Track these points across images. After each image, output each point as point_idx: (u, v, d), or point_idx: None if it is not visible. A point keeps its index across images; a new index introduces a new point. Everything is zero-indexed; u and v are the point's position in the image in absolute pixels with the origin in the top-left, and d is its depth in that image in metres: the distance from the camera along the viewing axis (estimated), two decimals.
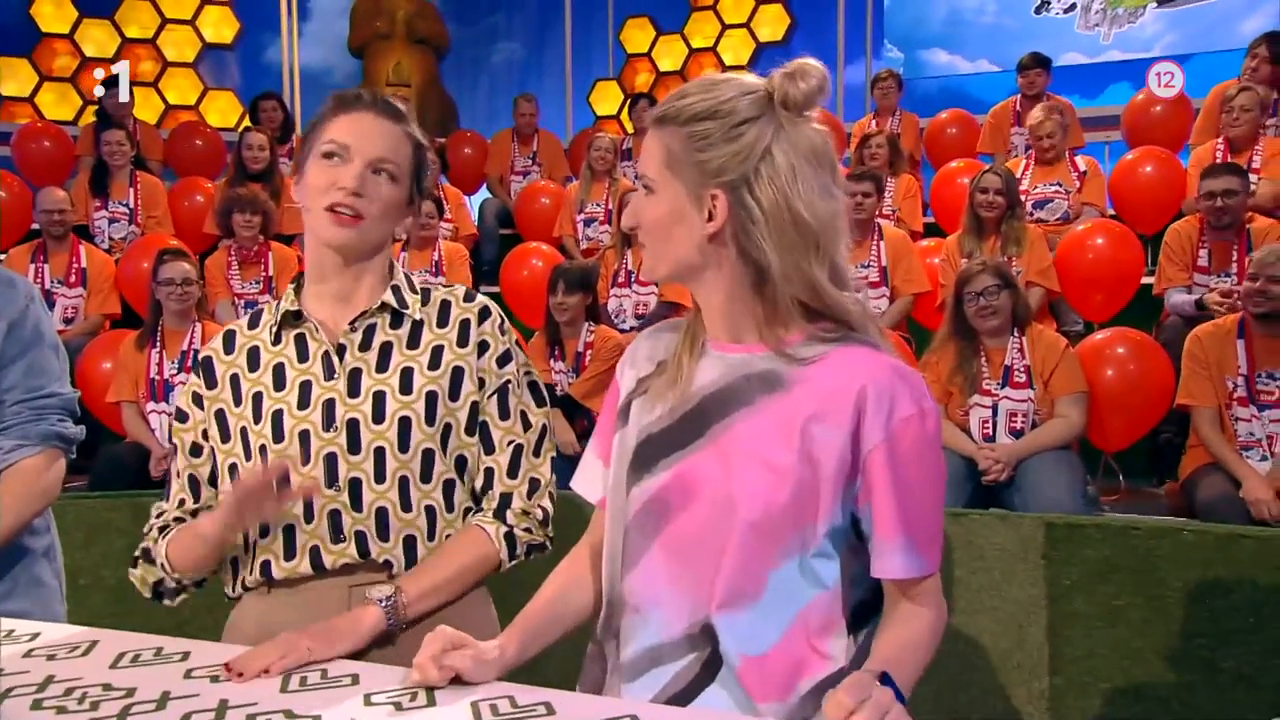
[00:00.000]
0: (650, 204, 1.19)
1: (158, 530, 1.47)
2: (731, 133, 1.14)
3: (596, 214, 5.68)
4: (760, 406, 1.16)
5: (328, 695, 1.15)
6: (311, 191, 1.41)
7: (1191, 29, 7.14)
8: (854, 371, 1.14)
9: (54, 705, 1.12)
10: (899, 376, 1.15)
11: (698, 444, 1.18)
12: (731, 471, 1.15)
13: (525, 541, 1.46)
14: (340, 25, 8.75)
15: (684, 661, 1.18)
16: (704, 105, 1.15)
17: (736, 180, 1.13)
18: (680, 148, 1.16)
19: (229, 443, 1.44)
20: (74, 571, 2.64)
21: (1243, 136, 4.64)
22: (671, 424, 1.21)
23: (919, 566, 1.16)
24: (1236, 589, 2.49)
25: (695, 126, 1.15)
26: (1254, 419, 3.14)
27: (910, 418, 1.13)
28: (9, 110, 7.60)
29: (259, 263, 4.83)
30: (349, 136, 1.40)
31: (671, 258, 1.19)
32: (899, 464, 1.13)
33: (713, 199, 1.15)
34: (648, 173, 1.19)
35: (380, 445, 1.39)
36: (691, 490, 1.17)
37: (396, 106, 1.45)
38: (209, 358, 1.50)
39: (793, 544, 1.14)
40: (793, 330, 1.17)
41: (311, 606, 1.39)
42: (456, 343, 1.45)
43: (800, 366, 1.16)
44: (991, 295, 3.29)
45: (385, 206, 1.42)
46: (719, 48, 8.71)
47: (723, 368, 1.20)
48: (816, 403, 1.14)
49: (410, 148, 1.45)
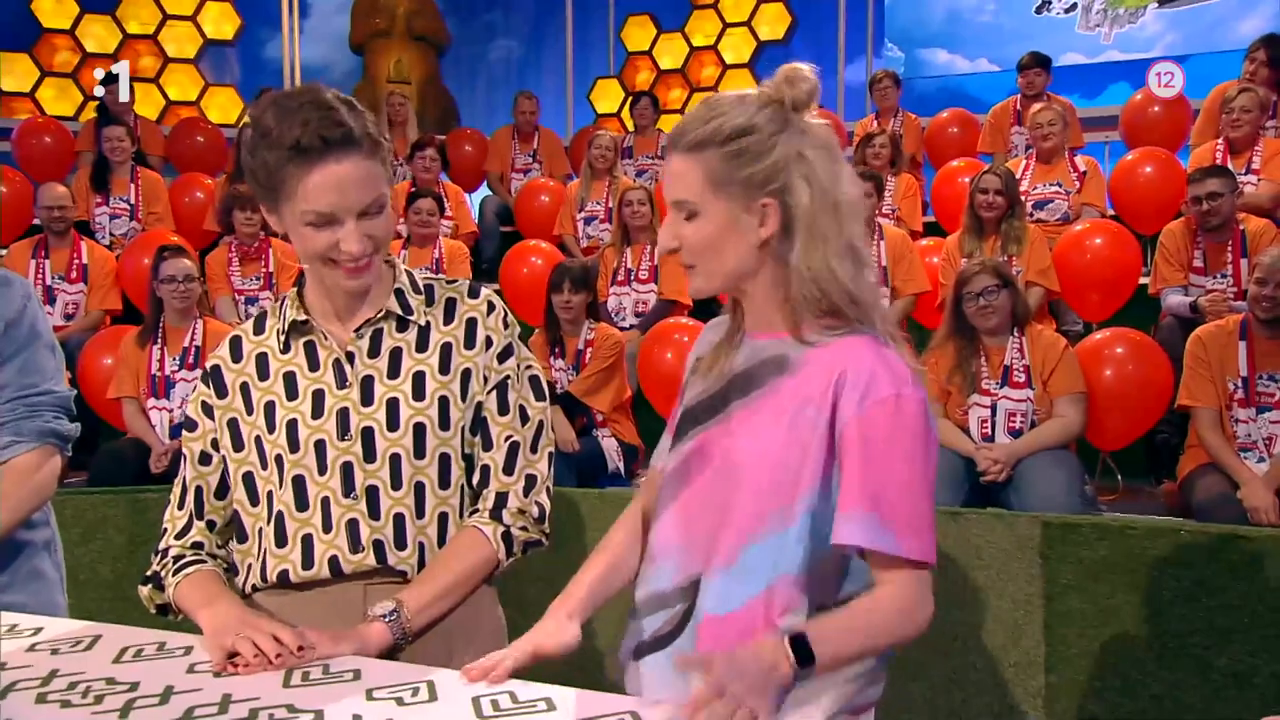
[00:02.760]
0: (696, 227, 1.25)
1: (172, 560, 1.46)
2: (767, 144, 1.22)
3: (597, 212, 5.68)
4: (770, 388, 1.26)
5: (330, 690, 1.16)
6: (307, 252, 1.36)
7: (1191, 29, 7.14)
8: (843, 357, 1.22)
9: (58, 699, 1.13)
10: (881, 362, 1.21)
11: (718, 418, 1.30)
12: (735, 445, 1.26)
13: (522, 540, 1.47)
14: (340, 22, 8.74)
15: (674, 609, 1.29)
16: (738, 123, 1.22)
17: (780, 187, 1.22)
18: (722, 167, 1.22)
19: (242, 451, 1.44)
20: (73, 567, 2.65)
21: (1243, 137, 4.64)
22: (704, 399, 1.32)
23: (883, 541, 1.17)
24: (1232, 588, 2.51)
25: (733, 145, 1.22)
26: (1252, 421, 3.14)
27: (885, 399, 1.19)
28: (10, 105, 7.59)
29: (260, 259, 4.84)
30: (327, 203, 1.32)
31: (724, 271, 1.26)
32: (868, 441, 1.18)
33: (764, 208, 1.22)
34: (689, 197, 1.24)
35: (396, 452, 1.40)
36: (707, 459, 1.29)
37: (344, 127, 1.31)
38: (218, 366, 1.49)
39: (773, 520, 1.22)
40: (809, 319, 1.25)
41: (328, 606, 1.39)
42: (464, 343, 1.45)
43: (806, 351, 1.24)
44: (991, 295, 3.29)
45: (387, 233, 1.40)
46: (720, 46, 8.71)
47: (749, 352, 1.30)
48: (810, 384, 1.22)
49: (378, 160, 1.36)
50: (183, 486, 1.50)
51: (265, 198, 1.37)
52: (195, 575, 1.43)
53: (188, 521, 1.49)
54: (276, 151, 1.30)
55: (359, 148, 1.32)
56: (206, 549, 1.48)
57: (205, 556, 1.47)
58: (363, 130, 1.33)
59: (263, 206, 1.40)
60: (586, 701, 1.13)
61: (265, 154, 1.32)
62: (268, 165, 1.32)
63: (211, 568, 1.46)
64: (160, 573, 1.46)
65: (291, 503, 1.40)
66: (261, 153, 1.32)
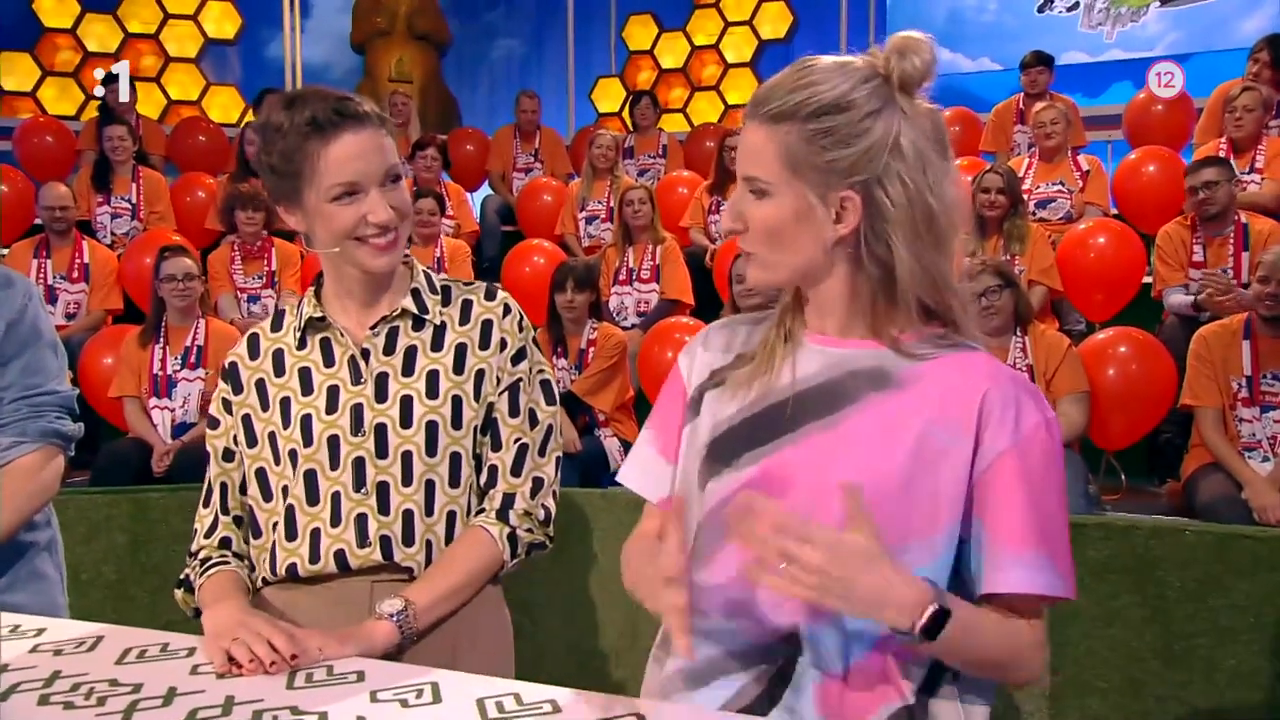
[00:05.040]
0: (765, 208, 1.08)
1: (199, 563, 1.47)
2: (859, 126, 1.04)
3: (598, 211, 5.68)
4: (869, 403, 1.08)
5: (333, 692, 1.15)
6: (336, 233, 1.37)
7: (1193, 28, 7.13)
8: (974, 376, 1.07)
9: (61, 700, 1.12)
10: (1021, 385, 1.09)
11: (790, 437, 1.09)
12: (833, 468, 1.06)
13: (527, 542, 1.47)
14: (342, 21, 8.74)
15: (757, 670, 1.10)
16: (828, 98, 1.04)
17: (869, 179, 1.04)
18: (803, 147, 1.05)
19: (256, 447, 1.45)
20: (76, 567, 2.64)
21: (1245, 137, 4.63)
22: (757, 416, 1.12)
23: (1054, 583, 1.06)
24: (1236, 589, 2.50)
25: (819, 123, 1.04)
26: (1256, 420, 3.14)
27: (1038, 424, 1.07)
28: (11, 105, 7.59)
29: (262, 258, 4.84)
30: (352, 172, 1.34)
31: (792, 264, 1.10)
32: (1030, 473, 1.05)
33: (843, 200, 1.06)
34: (761, 175, 1.07)
35: (408, 449, 1.40)
36: (784, 486, 1.08)
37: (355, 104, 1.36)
38: (234, 363, 1.50)
39: (900, 556, 1.02)
40: (907, 329, 1.10)
41: (334, 601, 1.40)
42: (479, 344, 1.46)
43: (913, 365, 1.08)
44: (994, 295, 3.29)
45: (408, 205, 1.42)
46: (721, 45, 8.70)
47: (823, 362, 1.12)
48: (934, 404, 1.07)
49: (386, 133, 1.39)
50: (208, 484, 1.51)
51: (285, 191, 1.38)
52: (216, 576, 1.43)
53: (214, 519, 1.50)
54: (293, 136, 1.33)
55: (370, 121, 1.36)
56: (234, 546, 1.49)
57: (230, 556, 1.48)
58: (371, 108, 1.38)
59: (281, 207, 1.41)
60: (591, 703, 1.12)
61: (281, 143, 1.34)
62: (285, 153, 1.35)
63: (233, 568, 1.46)
64: (191, 576, 1.47)
65: (303, 497, 1.41)
66: (277, 143, 1.35)
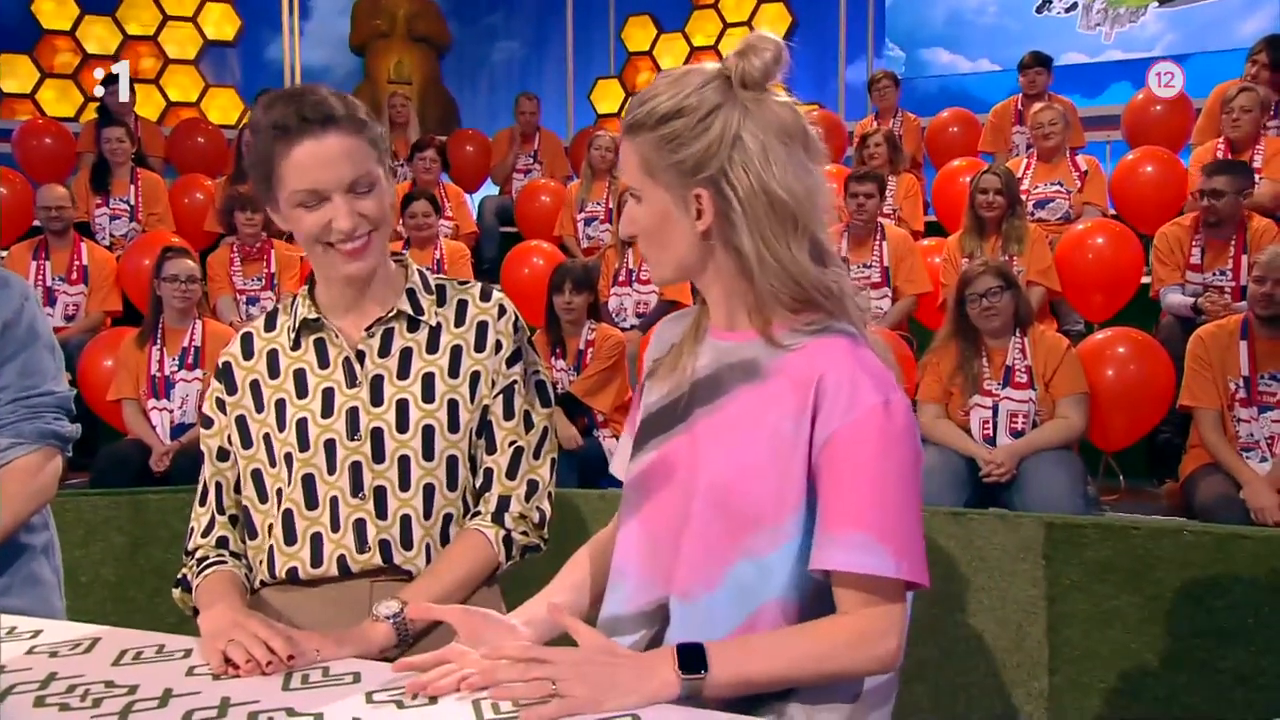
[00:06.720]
0: (640, 212, 1.17)
1: (196, 562, 1.47)
2: (699, 126, 1.11)
3: (597, 213, 5.68)
4: (736, 394, 1.16)
5: (329, 693, 1.15)
6: (306, 238, 1.37)
7: (1191, 29, 7.13)
8: (818, 362, 1.12)
9: (56, 702, 1.12)
10: (862, 366, 1.11)
11: (680, 428, 1.19)
12: (699, 457, 1.16)
13: (522, 544, 1.47)
14: (341, 23, 8.74)
15: (635, 636, 1.19)
16: (669, 105, 1.13)
17: (715, 174, 1.11)
18: (654, 153, 1.14)
19: (250, 448, 1.45)
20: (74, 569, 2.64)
21: (1243, 137, 4.63)
22: (664, 406, 1.22)
23: (875, 562, 1.06)
24: (1235, 589, 2.49)
25: (664, 129, 1.13)
26: (1254, 420, 3.14)
27: (875, 407, 1.09)
28: (10, 107, 7.59)
29: (261, 259, 4.84)
30: (312, 180, 1.32)
31: (671, 261, 1.18)
32: (858, 454, 1.08)
33: (697, 198, 1.13)
34: (632, 183, 1.17)
35: (405, 454, 1.40)
36: (667, 472, 1.19)
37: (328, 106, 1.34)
38: (228, 363, 1.49)
39: (753, 542, 1.11)
40: (778, 318, 1.15)
41: (334, 603, 1.40)
42: (474, 346, 1.45)
43: (779, 356, 1.14)
44: (994, 296, 3.29)
45: (381, 212, 1.39)
46: (720, 46, 8.69)
47: (713, 354, 1.20)
48: (785, 394, 1.12)
49: (364, 139, 1.36)
50: (203, 484, 1.51)
51: (263, 192, 1.39)
52: (213, 576, 1.43)
53: (210, 518, 1.49)
54: (262, 138, 1.33)
55: (338, 125, 1.34)
56: (231, 545, 1.49)
57: (228, 555, 1.47)
58: (345, 110, 1.34)
59: (267, 207, 1.41)
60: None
61: (256, 144, 1.35)
62: (259, 154, 1.35)
63: (230, 568, 1.46)
64: (188, 575, 1.47)
65: (301, 501, 1.41)
66: (254, 144, 1.35)
